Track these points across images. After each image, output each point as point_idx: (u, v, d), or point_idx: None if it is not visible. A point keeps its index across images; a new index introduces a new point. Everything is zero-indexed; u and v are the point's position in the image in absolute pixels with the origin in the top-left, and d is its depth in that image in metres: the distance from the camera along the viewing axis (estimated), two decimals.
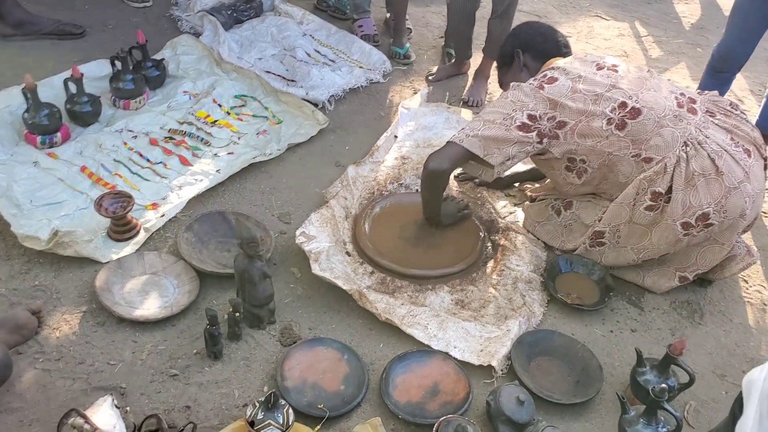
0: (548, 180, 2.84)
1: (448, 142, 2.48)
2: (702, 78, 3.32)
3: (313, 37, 3.82)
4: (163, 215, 2.61)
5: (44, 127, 2.81)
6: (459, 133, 2.46)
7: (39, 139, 2.81)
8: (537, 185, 2.96)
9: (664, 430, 1.97)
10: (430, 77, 3.69)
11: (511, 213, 2.86)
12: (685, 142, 2.35)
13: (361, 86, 3.54)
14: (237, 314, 2.18)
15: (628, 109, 2.37)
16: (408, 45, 3.83)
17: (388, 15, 4.14)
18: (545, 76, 2.49)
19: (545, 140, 2.44)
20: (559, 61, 2.59)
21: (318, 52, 3.71)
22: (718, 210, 2.34)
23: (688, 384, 2.08)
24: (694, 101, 2.47)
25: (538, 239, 2.74)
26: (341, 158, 3.08)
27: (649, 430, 1.96)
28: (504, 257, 2.63)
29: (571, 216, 2.66)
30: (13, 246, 2.44)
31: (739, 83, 3.86)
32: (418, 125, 3.28)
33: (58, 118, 2.85)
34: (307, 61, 3.60)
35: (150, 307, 2.29)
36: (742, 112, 2.55)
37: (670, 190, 2.37)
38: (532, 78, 2.53)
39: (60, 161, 2.79)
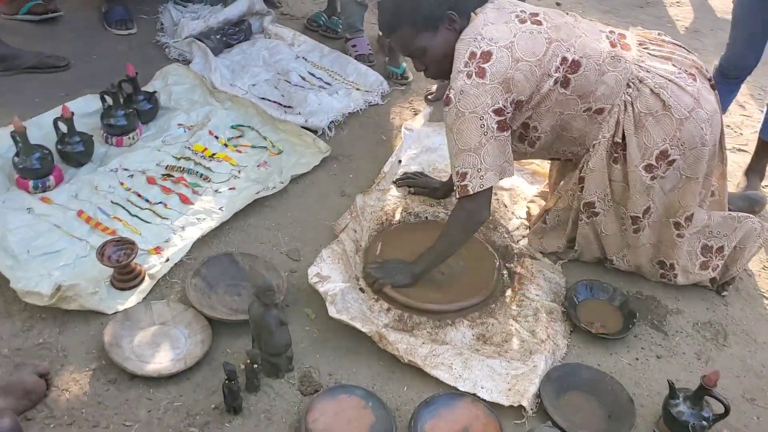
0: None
1: (474, 194, 2.28)
2: None
3: (306, 59, 3.72)
4: (168, 260, 2.50)
5: (36, 170, 2.69)
6: (472, 181, 2.25)
7: (31, 183, 2.69)
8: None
9: None
10: (429, 96, 3.60)
11: (524, 237, 2.78)
12: (627, 84, 2.30)
13: (360, 110, 3.45)
14: (255, 366, 2.09)
15: (568, 64, 2.26)
16: (404, 64, 3.74)
17: (380, 32, 4.05)
18: (474, 54, 2.20)
19: (510, 121, 2.33)
20: (478, 21, 2.27)
21: (312, 75, 3.61)
22: (675, 144, 2.31)
23: (724, 415, 2.04)
24: (624, 36, 2.41)
25: (553, 254, 2.70)
26: (346, 187, 2.99)
27: None
28: (522, 286, 2.55)
29: (553, 214, 2.62)
30: (13, 301, 2.32)
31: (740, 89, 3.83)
32: (422, 148, 3.20)
33: (50, 161, 2.73)
34: (302, 86, 3.50)
35: (162, 361, 2.19)
36: (672, 39, 2.52)
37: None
38: (462, 65, 2.21)
39: (54, 206, 2.68)
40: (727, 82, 3.17)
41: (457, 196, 2.34)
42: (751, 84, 3.82)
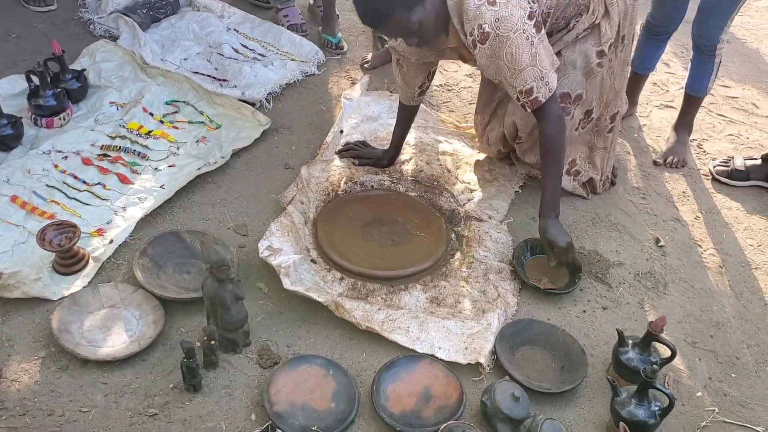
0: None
1: (543, 103, 2.31)
2: (638, 41, 3.33)
3: (237, 31, 3.63)
4: (111, 241, 2.44)
5: None
6: (540, 91, 2.28)
7: None
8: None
9: (657, 408, 2.00)
10: (365, 65, 3.57)
11: (469, 200, 2.82)
12: None
13: (297, 80, 3.40)
14: (213, 342, 2.07)
15: None
16: (340, 33, 3.70)
17: (311, 1, 3.99)
18: None
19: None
20: None
21: (245, 47, 3.54)
22: None
23: (670, 358, 2.11)
24: None
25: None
26: (289, 159, 2.96)
27: (641, 410, 1.99)
28: (470, 248, 2.60)
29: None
30: None
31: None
32: (362, 117, 3.18)
33: None
34: (236, 58, 3.43)
35: (115, 344, 2.15)
36: None
37: None
38: (475, 1, 2.17)
39: None
40: (654, 38, 3.26)
41: (528, 110, 2.36)
42: (674, 43, 3.93)
